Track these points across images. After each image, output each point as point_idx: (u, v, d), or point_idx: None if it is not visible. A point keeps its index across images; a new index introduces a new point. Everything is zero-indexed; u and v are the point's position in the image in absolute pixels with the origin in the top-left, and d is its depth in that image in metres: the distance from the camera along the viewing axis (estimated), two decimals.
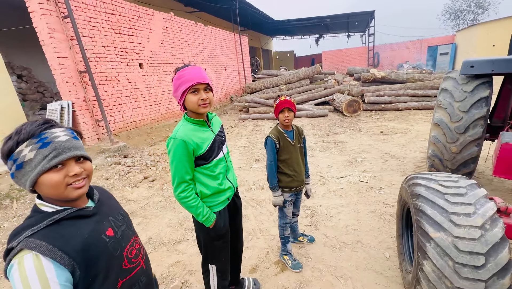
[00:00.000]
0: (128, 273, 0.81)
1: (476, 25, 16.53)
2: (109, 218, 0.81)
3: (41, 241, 0.62)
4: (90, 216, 0.75)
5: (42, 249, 0.61)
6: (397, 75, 8.45)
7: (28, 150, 0.64)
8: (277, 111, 1.81)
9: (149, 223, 2.94)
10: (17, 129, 0.66)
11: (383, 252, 2.13)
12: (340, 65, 22.84)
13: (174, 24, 8.16)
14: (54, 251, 0.63)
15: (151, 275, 0.95)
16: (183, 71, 1.17)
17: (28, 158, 0.65)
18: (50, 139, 0.67)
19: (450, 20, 26.21)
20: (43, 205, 0.70)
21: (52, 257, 0.62)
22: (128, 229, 0.88)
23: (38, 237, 0.63)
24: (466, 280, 1.14)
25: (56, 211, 0.69)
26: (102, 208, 0.82)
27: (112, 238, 0.77)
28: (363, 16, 18.59)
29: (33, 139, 0.65)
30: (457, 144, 2.51)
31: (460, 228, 1.21)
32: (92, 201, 0.82)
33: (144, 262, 0.89)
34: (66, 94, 5.01)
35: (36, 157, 0.65)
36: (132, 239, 0.87)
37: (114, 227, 0.80)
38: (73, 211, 0.71)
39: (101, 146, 5.31)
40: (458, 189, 1.35)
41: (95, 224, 0.75)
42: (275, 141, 1.80)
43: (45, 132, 0.67)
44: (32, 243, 0.61)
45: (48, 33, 4.59)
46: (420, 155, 4.07)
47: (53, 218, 0.67)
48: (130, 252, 0.83)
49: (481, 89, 2.45)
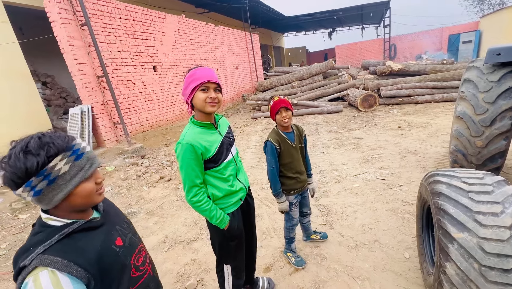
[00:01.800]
0: (137, 280, 0.80)
1: (503, 9, 15.37)
2: (116, 227, 0.81)
3: (56, 257, 0.61)
4: (98, 227, 0.75)
5: (58, 265, 0.60)
6: (416, 67, 8.07)
7: (63, 163, 0.64)
8: (273, 113, 1.71)
9: (165, 222, 3.01)
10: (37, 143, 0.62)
11: (403, 252, 2.04)
12: (354, 59, 22.18)
13: (185, 26, 8.28)
14: (70, 265, 0.62)
15: (158, 281, 0.95)
16: (195, 70, 1.19)
17: (63, 172, 0.64)
18: (81, 150, 0.69)
19: (474, 5, 24.58)
20: (50, 219, 0.68)
21: (68, 271, 0.61)
22: (134, 236, 0.88)
23: (51, 252, 0.62)
24: (494, 284, 1.07)
25: (65, 224, 0.68)
26: (108, 217, 0.82)
27: (122, 247, 0.77)
28: (377, 7, 17.89)
29: (67, 152, 0.66)
30: (483, 138, 2.35)
31: (486, 228, 1.13)
32: (97, 211, 0.82)
33: (151, 269, 0.89)
34: (86, 99, 5.24)
35: (72, 169, 0.66)
36: (139, 247, 0.87)
37: (122, 235, 0.80)
38: (82, 223, 0.71)
39: (119, 147, 5.52)
40: (483, 186, 1.26)
41: (105, 234, 0.75)
42: (275, 145, 1.71)
43: (75, 144, 0.69)
44: (47, 260, 0.60)
45: (68, 41, 4.81)
46: (442, 150, 3.87)
47: (63, 231, 0.66)
48: (137, 260, 0.82)
49: (509, 79, 2.27)
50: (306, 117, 7.55)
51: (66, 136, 0.69)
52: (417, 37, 20.18)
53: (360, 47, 22.15)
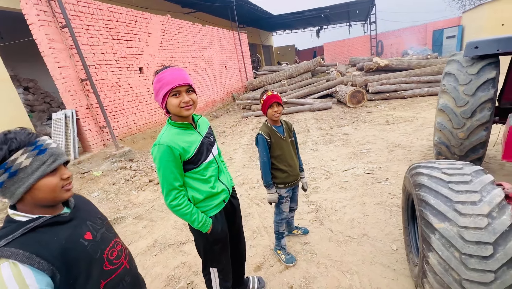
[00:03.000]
0: (110, 274, 0.83)
1: (483, 4, 15.86)
2: (86, 222, 0.83)
3: (17, 249, 0.63)
4: (67, 222, 0.77)
5: (19, 257, 0.62)
6: (401, 63, 8.22)
7: (25, 157, 0.67)
8: (266, 107, 1.79)
9: (154, 225, 2.96)
10: (1, 139, 0.67)
11: (390, 244, 2.07)
12: (342, 56, 22.42)
13: (171, 26, 8.16)
14: (32, 257, 0.64)
15: (137, 274, 0.98)
16: (163, 74, 1.12)
17: (24, 165, 0.67)
18: (45, 146, 0.71)
19: (456, 1, 25.28)
20: (16, 214, 0.71)
21: (30, 263, 0.63)
22: (108, 231, 0.90)
23: (13, 245, 0.64)
24: (474, 271, 1.09)
25: (31, 219, 0.70)
26: (78, 213, 0.84)
27: (91, 242, 0.79)
28: (363, 4, 18.13)
29: (29, 147, 0.68)
30: (464, 129, 2.41)
31: (465, 217, 1.15)
32: (67, 207, 0.84)
33: (127, 262, 0.91)
34: (69, 103, 5.09)
35: (34, 163, 0.68)
36: (113, 241, 0.89)
37: (92, 230, 0.83)
38: (48, 218, 0.72)
39: (106, 151, 5.39)
40: (462, 176, 1.29)
41: (72, 229, 0.77)
42: (266, 138, 1.78)
43: (38, 140, 0.71)
44: (8, 252, 0.62)
45: (48, 44, 4.66)
46: (428, 143, 3.95)
47: (28, 226, 0.68)
48: (110, 254, 0.85)
49: (487, 71, 2.34)
50: (296, 115, 7.58)
51: (30, 132, 0.72)
52: (403, 33, 20.58)
53: (347, 44, 22.41)
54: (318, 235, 2.33)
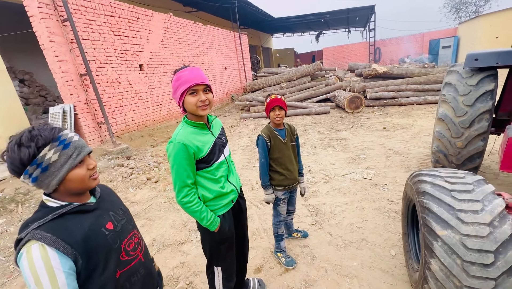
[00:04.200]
0: (126, 264, 0.86)
1: (479, 17, 16.28)
2: (109, 212, 0.87)
3: (46, 233, 0.68)
4: (91, 211, 0.81)
5: (47, 240, 0.67)
6: (399, 70, 8.36)
7: (52, 153, 0.72)
8: (268, 109, 1.82)
9: (152, 224, 2.94)
10: (27, 137, 0.71)
11: (389, 250, 2.10)
12: (341, 61, 22.67)
13: (173, 24, 8.14)
14: (58, 241, 0.69)
15: (151, 268, 0.99)
16: (182, 72, 1.15)
17: (53, 160, 0.72)
18: (68, 140, 0.76)
19: (452, 12, 25.85)
20: (49, 200, 0.77)
21: (56, 247, 0.68)
22: (128, 223, 0.93)
23: (43, 229, 0.69)
24: (475, 279, 1.12)
25: (60, 206, 0.76)
26: (103, 203, 0.88)
27: (111, 231, 0.83)
28: (363, 11, 18.41)
29: (54, 142, 0.73)
30: (462, 139, 2.47)
31: (468, 226, 1.18)
32: (94, 197, 0.89)
33: (142, 255, 0.94)
34: (67, 98, 5.02)
35: (61, 158, 0.73)
36: (132, 233, 0.92)
37: (114, 221, 0.86)
38: (75, 206, 0.77)
39: (103, 148, 5.33)
40: (465, 185, 1.33)
41: (95, 218, 0.81)
42: (266, 140, 1.81)
43: (61, 135, 0.75)
44: (38, 234, 0.68)
45: (48, 37, 4.59)
46: (425, 150, 4.03)
47: (57, 212, 0.73)
48: (128, 245, 0.88)
49: (486, 83, 2.40)
50: (295, 118, 7.62)
51: (53, 128, 0.75)
52: (400, 42, 20.95)
53: (346, 50, 22.68)
54: (318, 238, 2.35)
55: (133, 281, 0.87)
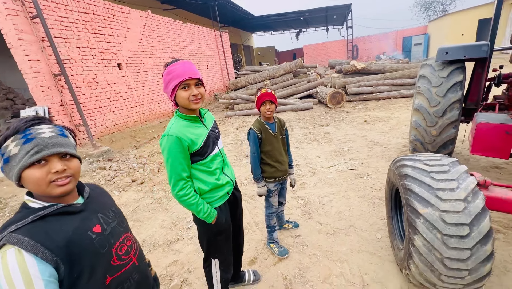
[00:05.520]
0: (118, 270, 0.80)
1: (446, 15, 17.37)
2: (98, 214, 0.80)
3: (24, 237, 0.62)
4: (77, 212, 0.75)
5: (24, 244, 0.61)
6: (376, 66, 8.73)
7: (13, 145, 0.66)
8: (259, 103, 1.84)
9: (141, 225, 2.87)
10: (8, 126, 0.69)
11: (375, 233, 2.22)
12: (321, 58, 23.21)
13: (152, 22, 7.91)
14: (36, 246, 0.62)
15: (146, 272, 0.94)
16: (173, 66, 1.14)
17: (13, 153, 0.66)
18: (34, 135, 0.67)
19: (422, 11, 27.31)
20: (30, 201, 0.71)
21: (34, 252, 0.62)
22: (120, 225, 0.86)
23: (21, 232, 0.63)
24: (453, 250, 1.23)
25: (42, 207, 0.70)
26: (91, 204, 0.81)
27: (99, 235, 0.76)
28: (340, 10, 18.96)
29: (18, 134, 0.67)
30: (436, 127, 2.66)
31: (446, 202, 1.29)
32: (82, 197, 0.82)
33: (136, 259, 0.88)
34: (40, 99, 4.74)
35: (20, 152, 0.66)
36: (124, 236, 0.85)
37: (103, 223, 0.79)
38: (59, 207, 0.71)
39: (83, 151, 5.09)
40: (441, 166, 1.44)
41: (81, 220, 0.75)
42: (257, 133, 1.83)
43: (30, 128, 0.68)
44: (15, 238, 0.62)
45: (16, 35, 4.30)
46: (402, 141, 4.26)
47: (38, 214, 0.67)
48: (120, 249, 0.81)
49: (456, 74, 2.60)
50: (279, 114, 7.72)
51: (31, 120, 0.70)
52: (376, 39, 21.83)
53: (326, 47, 23.25)
54: (308, 228, 2.43)
55: (126, 287, 0.81)
